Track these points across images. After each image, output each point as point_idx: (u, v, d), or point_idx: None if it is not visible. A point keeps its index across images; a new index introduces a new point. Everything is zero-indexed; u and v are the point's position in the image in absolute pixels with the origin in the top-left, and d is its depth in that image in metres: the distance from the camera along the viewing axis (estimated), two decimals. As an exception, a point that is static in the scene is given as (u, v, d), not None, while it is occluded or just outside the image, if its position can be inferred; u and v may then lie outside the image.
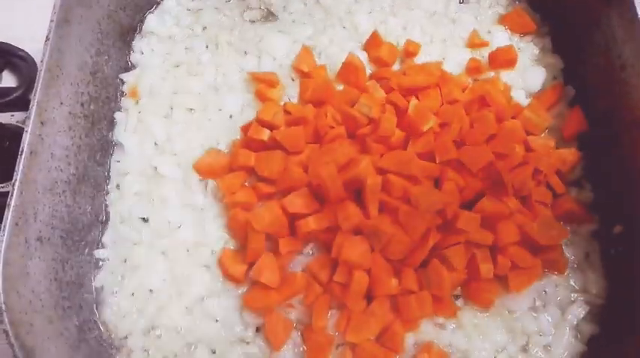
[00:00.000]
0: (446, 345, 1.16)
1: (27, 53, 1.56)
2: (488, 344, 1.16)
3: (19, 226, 1.04)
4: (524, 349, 1.17)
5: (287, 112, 1.33)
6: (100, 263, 1.25)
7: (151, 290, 1.22)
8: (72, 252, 1.19)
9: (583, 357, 1.16)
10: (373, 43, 1.42)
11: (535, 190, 1.23)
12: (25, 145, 1.08)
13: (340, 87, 1.37)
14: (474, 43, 1.43)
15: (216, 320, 1.19)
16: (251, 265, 1.19)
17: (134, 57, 1.45)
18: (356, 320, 1.14)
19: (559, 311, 1.19)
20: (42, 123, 1.12)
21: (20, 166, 1.06)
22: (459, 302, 1.20)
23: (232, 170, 1.29)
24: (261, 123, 1.30)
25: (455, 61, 1.41)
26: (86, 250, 1.23)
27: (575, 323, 1.18)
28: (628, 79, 1.21)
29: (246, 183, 1.29)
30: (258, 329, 1.18)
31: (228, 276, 1.22)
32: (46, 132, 1.14)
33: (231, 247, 1.25)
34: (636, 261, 1.16)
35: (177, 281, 1.22)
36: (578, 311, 1.18)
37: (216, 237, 1.25)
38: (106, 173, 1.33)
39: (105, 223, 1.29)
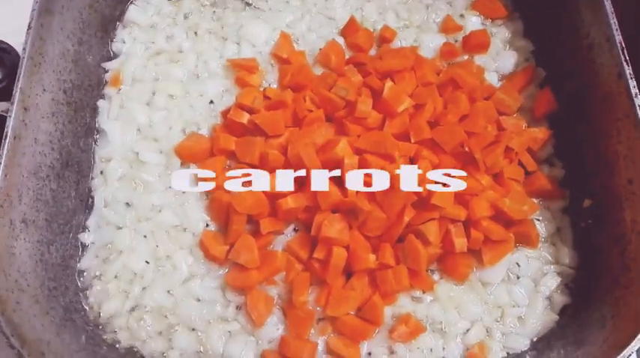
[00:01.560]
0: (423, 317, 1.20)
1: (10, 46, 1.57)
2: (464, 316, 1.20)
3: (4, 208, 1.07)
4: (499, 320, 1.21)
5: (267, 97, 1.36)
6: (85, 246, 1.27)
7: (134, 273, 1.24)
8: (57, 235, 1.21)
9: (556, 326, 1.20)
10: (350, 29, 1.46)
11: (507, 168, 1.27)
12: (9, 130, 1.10)
13: (319, 72, 1.41)
14: (448, 27, 1.47)
15: (199, 300, 1.22)
16: (232, 246, 1.22)
17: (116, 46, 1.47)
18: (335, 295, 1.17)
19: (532, 283, 1.23)
20: (25, 109, 1.15)
21: (4, 150, 1.08)
22: (436, 277, 1.24)
23: (213, 154, 1.32)
24: (240, 107, 1.33)
25: (429, 45, 1.44)
26: (71, 234, 1.26)
27: (547, 294, 1.23)
28: (595, 58, 1.25)
29: (227, 166, 1.32)
30: (239, 308, 1.21)
31: (210, 257, 1.24)
32: (30, 117, 1.16)
33: (212, 229, 1.28)
34: (604, 233, 1.20)
35: (160, 263, 1.25)
36: (551, 282, 1.23)
37: (197, 219, 1.28)
38: (90, 159, 1.35)
39: (89, 207, 1.31)
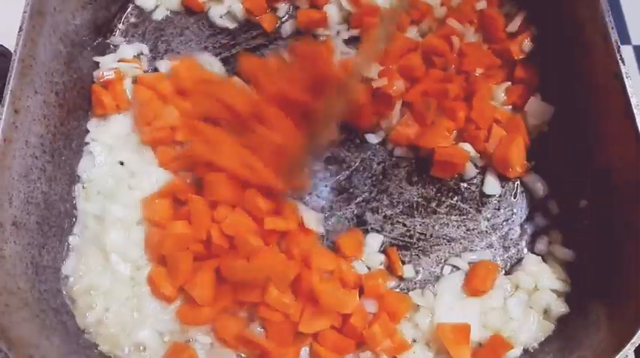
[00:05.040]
0: (409, 338, 1.17)
1: (5, 48, 1.57)
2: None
3: (-5, 211, 1.06)
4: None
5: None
6: (71, 251, 1.24)
7: (104, 288, 1.19)
8: (48, 238, 1.20)
9: (552, 335, 1.18)
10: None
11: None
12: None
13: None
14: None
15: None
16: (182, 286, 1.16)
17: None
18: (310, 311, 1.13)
19: (526, 294, 1.21)
20: (16, 111, 1.14)
21: (-6, 154, 1.08)
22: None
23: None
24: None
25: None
26: (63, 236, 1.24)
27: (543, 302, 1.19)
28: (591, 56, 1.24)
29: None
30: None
31: (159, 295, 1.18)
32: (20, 120, 1.15)
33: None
34: (599, 235, 1.19)
35: (125, 280, 1.20)
36: (548, 285, 1.20)
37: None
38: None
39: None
